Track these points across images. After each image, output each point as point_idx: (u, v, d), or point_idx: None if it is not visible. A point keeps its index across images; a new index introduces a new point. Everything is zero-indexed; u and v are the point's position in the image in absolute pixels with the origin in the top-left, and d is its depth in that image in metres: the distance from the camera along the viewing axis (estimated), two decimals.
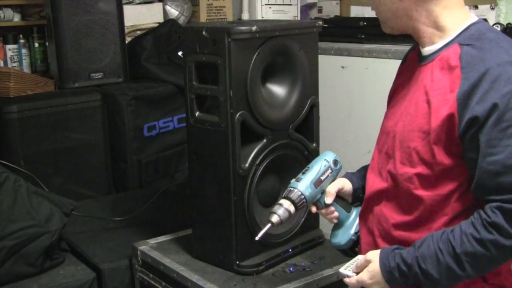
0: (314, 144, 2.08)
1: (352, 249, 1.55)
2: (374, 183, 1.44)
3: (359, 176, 1.59)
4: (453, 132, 1.24)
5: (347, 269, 1.40)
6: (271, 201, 1.96)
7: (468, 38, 1.28)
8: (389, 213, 1.39)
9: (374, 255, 1.35)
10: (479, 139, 1.20)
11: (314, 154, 2.02)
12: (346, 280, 1.40)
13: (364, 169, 1.60)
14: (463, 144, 1.24)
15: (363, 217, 1.49)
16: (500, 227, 1.19)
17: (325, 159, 1.55)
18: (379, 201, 1.42)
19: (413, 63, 1.43)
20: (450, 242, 1.24)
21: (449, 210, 1.30)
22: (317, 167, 1.53)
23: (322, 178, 1.52)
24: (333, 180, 1.55)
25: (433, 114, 1.26)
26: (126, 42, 3.24)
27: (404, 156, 1.33)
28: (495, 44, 1.25)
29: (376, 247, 1.40)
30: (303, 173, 1.53)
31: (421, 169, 1.30)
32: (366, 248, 1.43)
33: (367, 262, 1.36)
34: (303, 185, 1.50)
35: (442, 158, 1.26)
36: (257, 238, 1.55)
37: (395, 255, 1.31)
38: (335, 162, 1.56)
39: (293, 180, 1.53)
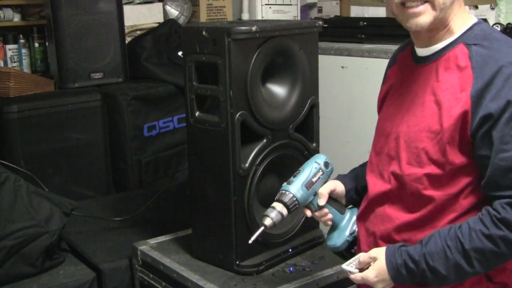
0: (314, 144, 2.08)
1: (348, 251, 1.55)
2: (376, 185, 1.43)
3: (351, 178, 1.59)
4: (465, 130, 1.24)
5: (349, 265, 1.40)
6: (271, 201, 1.93)
7: (473, 37, 1.29)
8: (393, 213, 1.38)
9: (379, 253, 1.34)
10: (492, 135, 1.21)
11: (314, 154, 2.00)
12: (350, 276, 1.39)
13: (355, 171, 1.60)
14: (474, 141, 1.24)
15: (362, 218, 1.49)
16: (510, 223, 1.19)
17: (316, 162, 1.55)
18: (383, 202, 1.41)
19: (406, 64, 1.42)
20: (458, 238, 1.23)
21: (457, 208, 1.30)
22: (308, 170, 1.53)
23: (314, 180, 1.52)
24: (324, 182, 1.55)
25: (444, 114, 1.26)
26: (126, 42, 3.24)
27: (412, 157, 1.32)
28: (504, 44, 1.26)
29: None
30: (295, 176, 1.53)
31: (430, 169, 1.29)
32: (366, 250, 1.41)
33: (371, 259, 1.35)
34: (294, 187, 1.50)
35: (454, 157, 1.26)
36: (250, 242, 1.54)
37: (401, 252, 1.30)
38: (326, 164, 1.56)
39: (284, 183, 1.53)
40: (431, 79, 1.31)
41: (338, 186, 1.55)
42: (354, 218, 1.54)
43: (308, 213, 1.55)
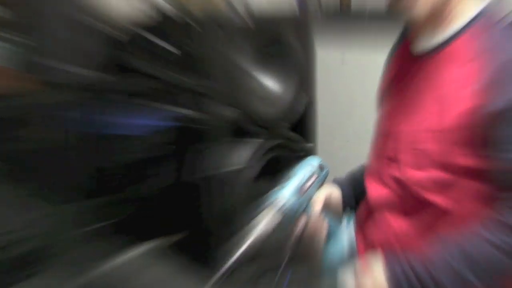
0: (311, 144, 2.08)
1: (345, 260, 1.48)
2: (375, 190, 1.40)
3: (349, 181, 1.56)
4: (469, 129, 1.19)
5: (345, 274, 1.35)
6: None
7: (477, 29, 1.24)
8: (393, 219, 1.35)
9: (377, 261, 1.29)
10: (498, 134, 1.16)
11: (311, 154, 2.04)
12: (346, 285, 1.34)
13: (353, 174, 1.57)
14: (478, 141, 1.19)
15: (360, 225, 1.46)
16: None
17: (310, 164, 1.48)
18: (382, 208, 1.38)
19: (405, 58, 1.38)
20: (461, 246, 1.19)
21: (461, 213, 1.26)
22: (301, 173, 1.45)
23: (308, 185, 1.44)
24: (319, 187, 1.48)
25: (447, 112, 1.21)
26: (113, 35, 3.20)
27: (412, 159, 1.28)
28: (510, 36, 1.21)
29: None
30: (287, 181, 1.45)
31: (432, 172, 1.25)
32: (364, 258, 1.36)
33: (368, 268, 1.30)
34: (287, 193, 1.42)
35: (457, 158, 1.22)
36: (242, 249, 1.46)
37: (401, 262, 1.25)
38: (321, 167, 1.48)
39: (275, 189, 1.44)
40: (433, 73, 1.27)
41: (334, 192, 1.52)
42: (352, 225, 1.50)
43: (301, 221, 1.46)
